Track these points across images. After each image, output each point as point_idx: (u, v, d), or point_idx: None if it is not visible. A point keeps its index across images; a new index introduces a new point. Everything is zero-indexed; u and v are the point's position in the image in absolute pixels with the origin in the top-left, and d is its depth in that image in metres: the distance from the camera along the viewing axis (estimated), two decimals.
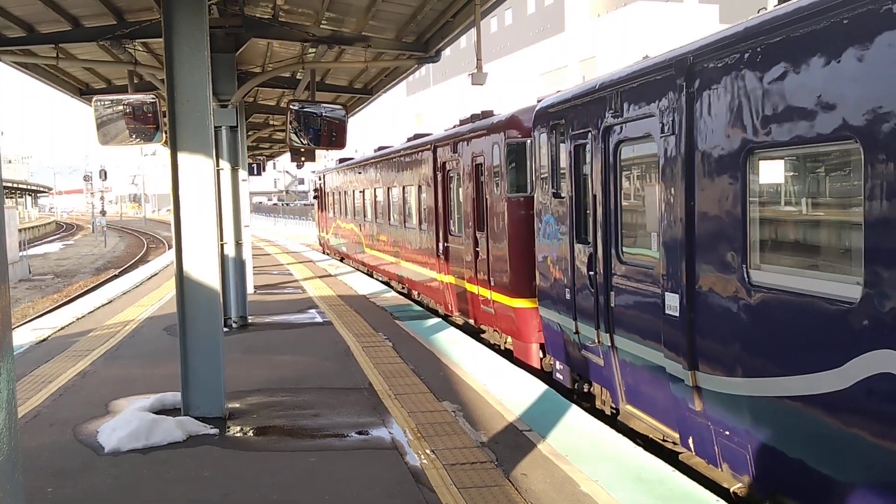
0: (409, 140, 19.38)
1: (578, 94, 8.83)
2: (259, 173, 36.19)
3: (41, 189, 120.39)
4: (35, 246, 54.63)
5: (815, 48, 4.96)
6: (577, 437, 7.05)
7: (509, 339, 12.44)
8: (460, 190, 14.25)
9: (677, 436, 7.02)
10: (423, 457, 6.56)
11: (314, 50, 12.68)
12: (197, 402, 7.74)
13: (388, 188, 20.42)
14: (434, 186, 15.71)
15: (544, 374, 10.83)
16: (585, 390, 9.35)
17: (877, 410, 4.54)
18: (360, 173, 24.35)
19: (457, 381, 9.20)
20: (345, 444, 7.09)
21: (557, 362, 10.14)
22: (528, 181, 11.28)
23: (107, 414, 8.01)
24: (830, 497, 5.01)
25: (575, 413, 7.83)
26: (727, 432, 6.13)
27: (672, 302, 6.71)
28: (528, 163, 11.24)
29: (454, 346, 11.26)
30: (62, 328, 13.80)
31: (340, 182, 28.26)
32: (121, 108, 10.81)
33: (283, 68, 14.40)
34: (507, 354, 11.93)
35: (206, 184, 7.65)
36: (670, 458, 7.17)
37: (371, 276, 22.86)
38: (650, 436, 7.81)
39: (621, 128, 7.80)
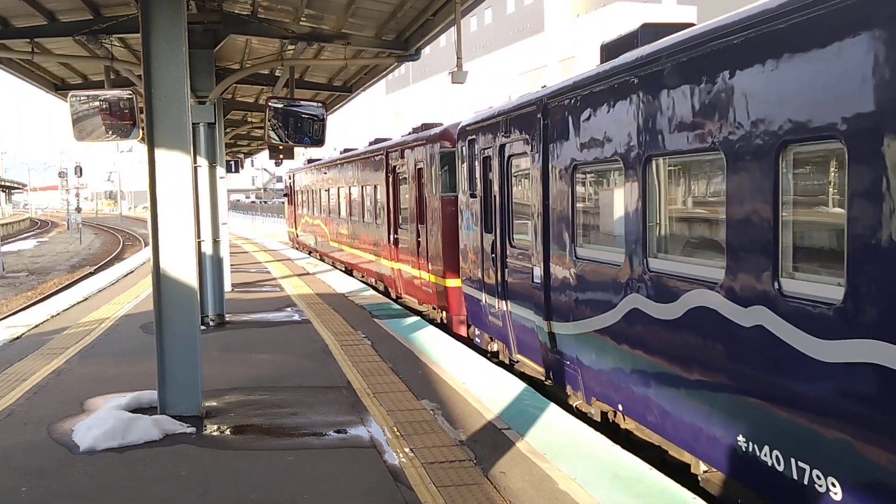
0: (369, 144, 21.49)
1: (485, 118, 11.29)
2: (237, 171, 36.02)
3: (15, 185, 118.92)
4: (9, 243, 53.99)
5: (602, 100, 7.56)
6: (555, 436, 7.07)
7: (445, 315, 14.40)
8: (406, 190, 16.58)
9: (543, 370, 9.48)
10: (401, 455, 6.55)
11: (293, 47, 12.62)
12: (174, 400, 7.68)
13: (350, 187, 22.72)
14: (386, 186, 18.06)
15: (469, 341, 12.74)
16: (495, 349, 11.62)
17: (632, 332, 7.06)
18: (325, 173, 26.71)
19: (436, 380, 9.20)
20: (323, 442, 7.06)
21: (476, 329, 12.46)
22: (456, 183, 13.20)
23: (82, 412, 7.93)
24: (620, 394, 7.50)
25: (553, 411, 7.86)
26: (567, 362, 8.65)
27: (537, 273, 9.24)
28: (456, 168, 13.12)
29: (433, 345, 11.26)
30: (36, 326, 13.65)
31: (308, 182, 30.63)
32: (97, 103, 10.72)
33: (262, 65, 14.34)
34: (443, 327, 13.77)
35: (183, 181, 7.59)
36: (541, 387, 8.93)
37: (327, 263, 25.46)
38: (534, 377, 9.94)
39: (510, 146, 10.28)
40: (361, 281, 20.18)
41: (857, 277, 4.45)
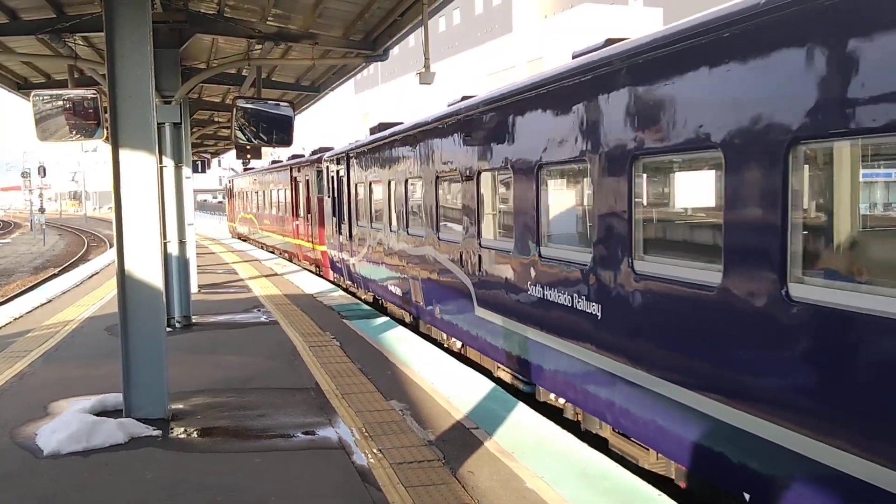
0: (289, 159, 29.87)
1: (332, 154, 19.70)
2: (204, 171, 35.70)
3: None
4: None
5: (363, 155, 16.30)
6: (523, 435, 7.11)
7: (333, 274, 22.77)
8: (301, 192, 25.84)
9: (357, 290, 17.56)
10: (370, 456, 6.55)
11: (260, 46, 12.55)
12: (139, 403, 7.61)
13: (270, 190, 32.37)
14: (291, 190, 27.43)
15: (336, 285, 20.03)
16: (345, 286, 19.41)
17: (375, 258, 15.69)
18: (255, 180, 36.89)
19: (405, 380, 9.20)
20: (291, 444, 7.04)
21: (335, 274, 20.96)
22: (324, 189, 21.23)
23: (46, 416, 7.83)
24: (377, 287, 15.80)
25: (521, 411, 7.90)
26: (361, 279, 17.15)
27: (349, 235, 17.77)
28: (324, 180, 21.35)
29: (402, 345, 11.26)
30: None
31: (242, 186, 41.55)
32: (61, 103, 10.57)
33: (229, 64, 14.23)
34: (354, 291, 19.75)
35: (148, 181, 7.52)
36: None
37: (256, 245, 35.37)
38: (355, 294, 18.13)
39: (339, 171, 18.47)
40: (292, 261, 27.51)
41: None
